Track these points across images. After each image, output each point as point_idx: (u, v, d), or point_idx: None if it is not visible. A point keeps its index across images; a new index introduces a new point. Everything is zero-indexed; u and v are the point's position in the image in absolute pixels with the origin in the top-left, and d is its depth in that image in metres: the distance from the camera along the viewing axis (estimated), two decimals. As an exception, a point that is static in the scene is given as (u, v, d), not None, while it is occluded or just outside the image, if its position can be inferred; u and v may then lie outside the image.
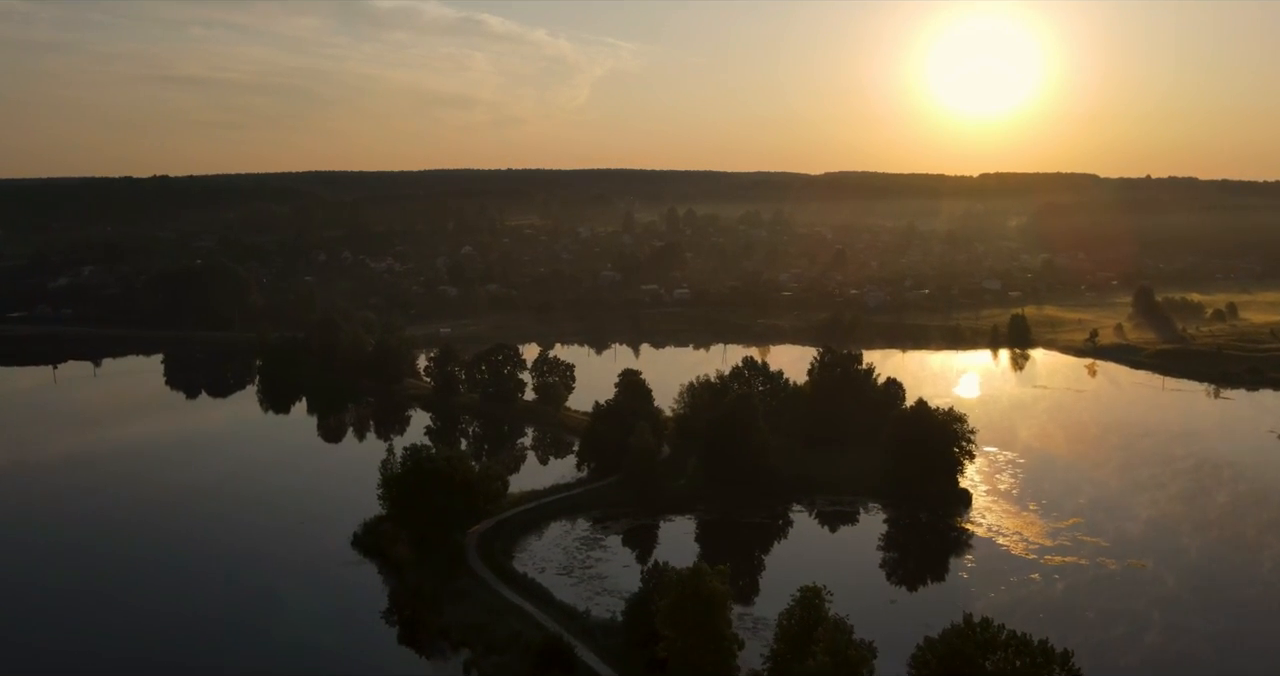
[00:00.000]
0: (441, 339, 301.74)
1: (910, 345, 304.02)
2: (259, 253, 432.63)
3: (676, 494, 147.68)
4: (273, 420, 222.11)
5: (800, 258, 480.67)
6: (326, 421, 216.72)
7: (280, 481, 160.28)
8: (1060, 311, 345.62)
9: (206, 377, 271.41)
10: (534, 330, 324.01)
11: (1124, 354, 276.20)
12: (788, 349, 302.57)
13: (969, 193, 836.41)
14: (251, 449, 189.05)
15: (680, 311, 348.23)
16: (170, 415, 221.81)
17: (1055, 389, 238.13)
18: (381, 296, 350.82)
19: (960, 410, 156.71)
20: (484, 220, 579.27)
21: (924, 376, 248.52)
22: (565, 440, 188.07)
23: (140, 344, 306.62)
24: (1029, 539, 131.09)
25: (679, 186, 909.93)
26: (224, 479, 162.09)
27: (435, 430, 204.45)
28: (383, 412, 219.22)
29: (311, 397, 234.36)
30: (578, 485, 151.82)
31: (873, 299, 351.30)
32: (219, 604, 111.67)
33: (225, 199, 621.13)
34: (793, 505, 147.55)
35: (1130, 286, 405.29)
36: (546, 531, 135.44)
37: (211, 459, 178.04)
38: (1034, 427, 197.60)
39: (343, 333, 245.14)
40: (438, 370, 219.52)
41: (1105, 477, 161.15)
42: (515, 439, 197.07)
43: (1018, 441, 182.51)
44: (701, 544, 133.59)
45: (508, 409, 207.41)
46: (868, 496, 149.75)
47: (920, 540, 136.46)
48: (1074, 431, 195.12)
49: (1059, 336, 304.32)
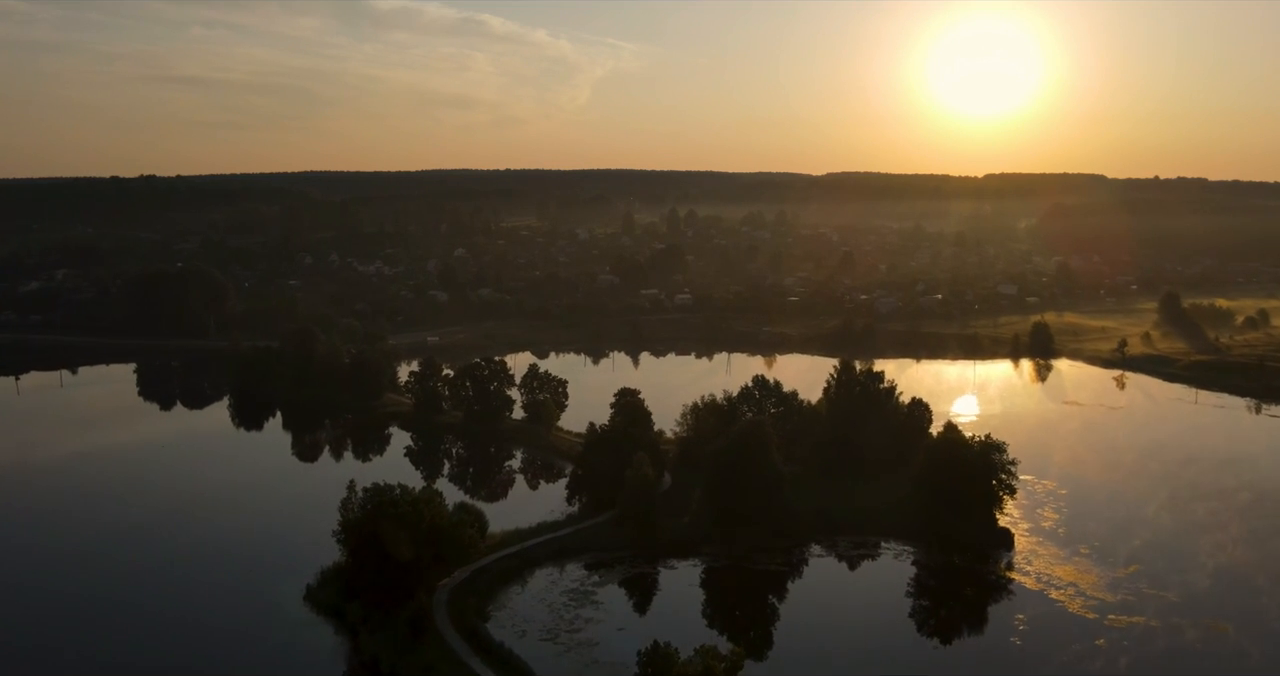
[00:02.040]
0: (428, 348, 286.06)
1: (925, 355, 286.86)
2: (243, 255, 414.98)
3: (679, 533, 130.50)
4: (236, 441, 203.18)
5: (805, 260, 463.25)
6: (296, 441, 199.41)
7: (230, 519, 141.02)
8: (1081, 318, 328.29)
9: (174, 390, 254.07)
10: (527, 338, 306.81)
11: (1156, 365, 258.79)
12: (796, 359, 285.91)
13: (974, 193, 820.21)
14: (207, 475, 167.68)
15: (682, 318, 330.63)
16: (122, 433, 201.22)
17: (1087, 405, 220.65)
18: (368, 302, 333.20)
19: (997, 436, 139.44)
20: (479, 221, 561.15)
21: (941, 390, 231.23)
22: (556, 465, 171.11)
23: (110, 353, 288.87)
24: (1085, 591, 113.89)
25: (680, 187, 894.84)
26: (165, 516, 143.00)
27: (416, 451, 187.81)
28: (360, 431, 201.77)
29: (284, 414, 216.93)
30: (567, 523, 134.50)
31: (884, 305, 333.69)
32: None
33: (214, 199, 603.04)
34: (811, 546, 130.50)
35: (1151, 291, 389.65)
36: (531, 581, 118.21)
37: (157, 489, 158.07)
38: (1070, 451, 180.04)
39: (319, 343, 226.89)
40: (419, 386, 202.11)
41: (1157, 514, 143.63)
42: (502, 461, 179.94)
43: (1054, 467, 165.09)
44: (708, 599, 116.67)
45: (494, 428, 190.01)
46: (895, 536, 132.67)
47: (959, 592, 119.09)
48: (1114, 456, 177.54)
49: (1083, 346, 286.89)
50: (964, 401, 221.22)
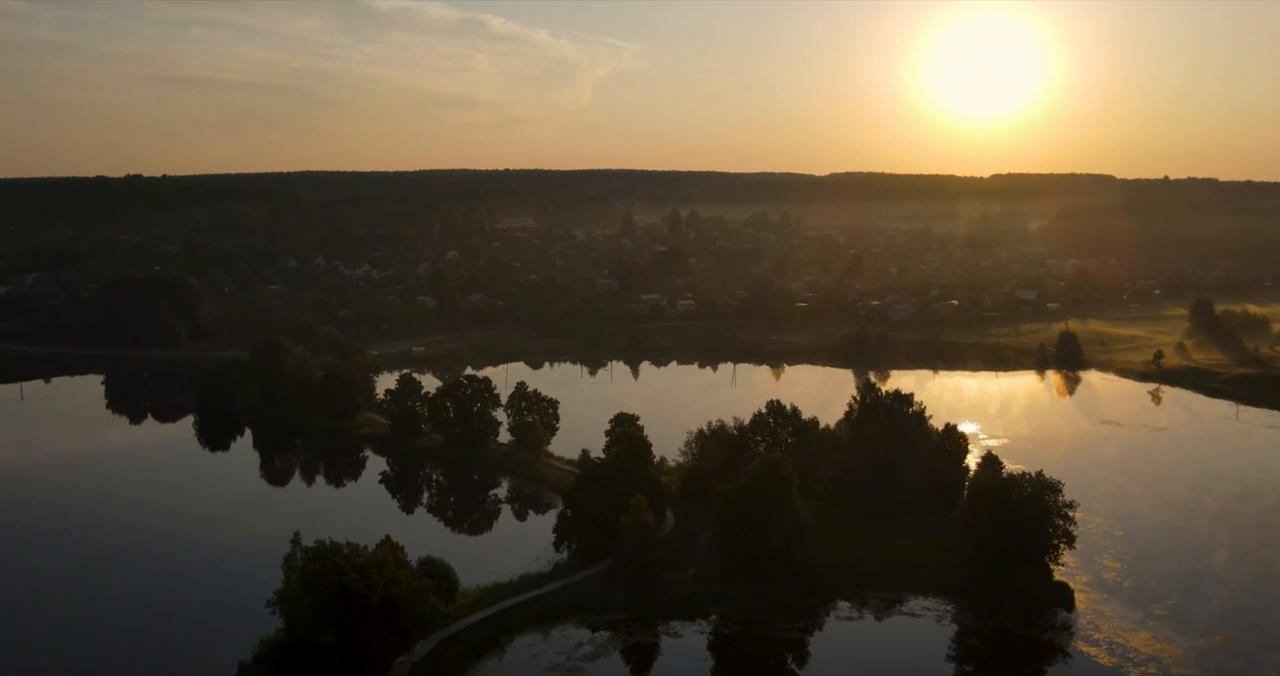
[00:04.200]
0: (413, 359, 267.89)
1: (944, 366, 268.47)
2: (224, 258, 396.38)
3: (684, 589, 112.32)
4: (189, 467, 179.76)
5: (812, 263, 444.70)
6: (260, 467, 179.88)
7: (163, 572, 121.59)
8: (1107, 326, 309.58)
9: (139, 405, 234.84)
10: (520, 348, 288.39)
11: (1195, 379, 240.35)
12: (806, 370, 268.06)
13: (981, 194, 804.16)
14: (147, 513, 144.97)
15: (684, 326, 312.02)
16: (61, 459, 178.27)
17: (1128, 425, 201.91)
18: (352, 308, 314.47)
19: (1030, 461, 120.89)
20: (473, 223, 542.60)
21: (963, 407, 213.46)
22: (544, 498, 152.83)
23: (75, 363, 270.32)
24: (1169, 669, 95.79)
25: (681, 187, 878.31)
26: (81, 572, 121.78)
27: (391, 478, 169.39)
28: (331, 455, 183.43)
29: (250, 434, 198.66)
30: (554, 576, 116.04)
31: (898, 312, 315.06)
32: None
33: (202, 199, 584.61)
34: (837, 604, 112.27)
35: (1176, 296, 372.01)
36: (509, 652, 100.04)
37: (85, 530, 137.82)
38: (1115, 482, 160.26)
39: (290, 356, 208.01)
40: (394, 405, 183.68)
41: (1228, 567, 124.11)
42: (484, 493, 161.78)
43: (1101, 502, 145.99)
44: (719, 671, 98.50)
45: (477, 454, 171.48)
46: (934, 591, 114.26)
47: (1013, 661, 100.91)
48: (1165, 488, 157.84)
49: (1113, 356, 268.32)
50: (989, 420, 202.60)
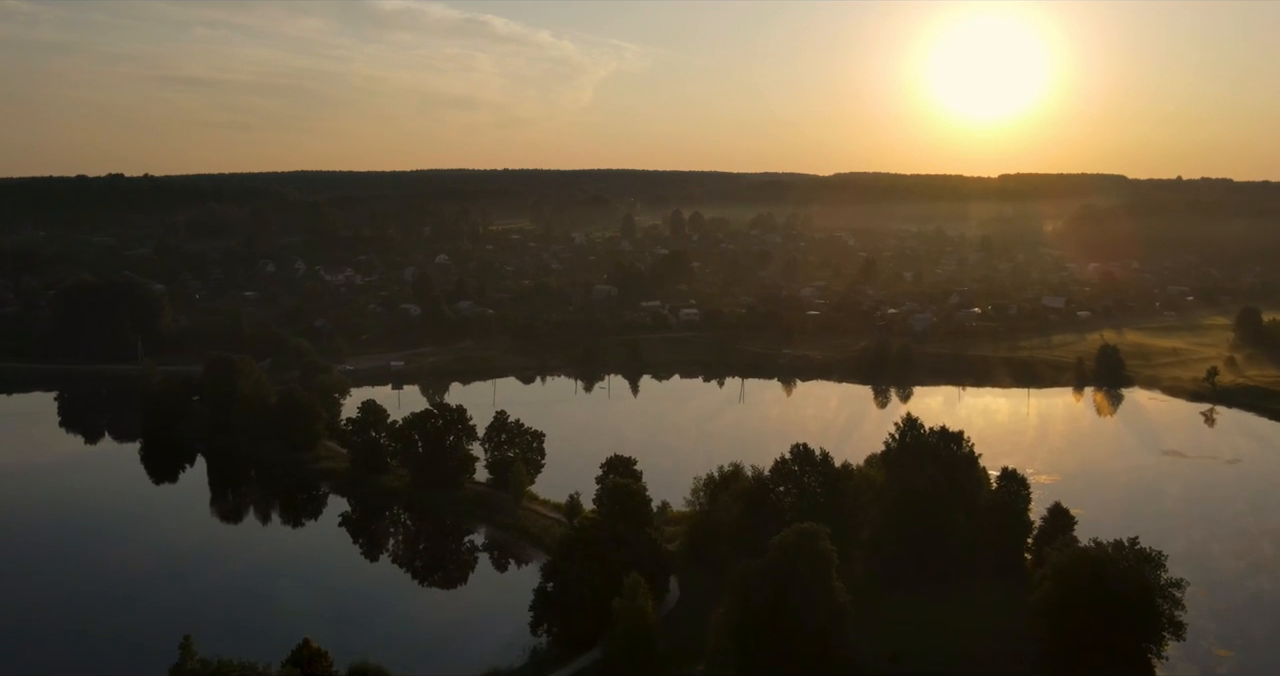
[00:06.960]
0: (391, 375, 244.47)
1: (972, 382, 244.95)
2: (197, 262, 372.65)
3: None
4: (115, 512, 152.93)
5: (822, 267, 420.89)
6: (199, 511, 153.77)
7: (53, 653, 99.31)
8: (1145, 337, 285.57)
9: (71, 431, 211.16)
10: (510, 362, 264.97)
11: (1254, 399, 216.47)
12: (821, 387, 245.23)
13: (991, 194, 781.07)
14: (44, 576, 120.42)
15: (688, 337, 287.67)
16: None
17: (1191, 456, 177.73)
18: (329, 317, 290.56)
19: (1082, 500, 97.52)
20: (465, 224, 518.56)
21: (995, 433, 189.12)
22: (524, 554, 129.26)
23: (21, 379, 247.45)
24: None
25: (683, 187, 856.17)
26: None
27: (349, 525, 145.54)
28: (284, 495, 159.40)
29: (198, 466, 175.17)
30: (528, 670, 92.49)
31: (919, 322, 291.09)
32: None
33: (182, 199, 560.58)
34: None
35: (1211, 303, 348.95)
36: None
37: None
38: (1191, 535, 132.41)
39: (242, 376, 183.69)
40: (357, 437, 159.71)
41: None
42: (454, 547, 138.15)
43: (1181, 564, 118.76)
44: None
45: (450, 497, 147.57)
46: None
47: None
48: (1250, 543, 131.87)
49: (1158, 372, 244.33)
50: (1029, 450, 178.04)
